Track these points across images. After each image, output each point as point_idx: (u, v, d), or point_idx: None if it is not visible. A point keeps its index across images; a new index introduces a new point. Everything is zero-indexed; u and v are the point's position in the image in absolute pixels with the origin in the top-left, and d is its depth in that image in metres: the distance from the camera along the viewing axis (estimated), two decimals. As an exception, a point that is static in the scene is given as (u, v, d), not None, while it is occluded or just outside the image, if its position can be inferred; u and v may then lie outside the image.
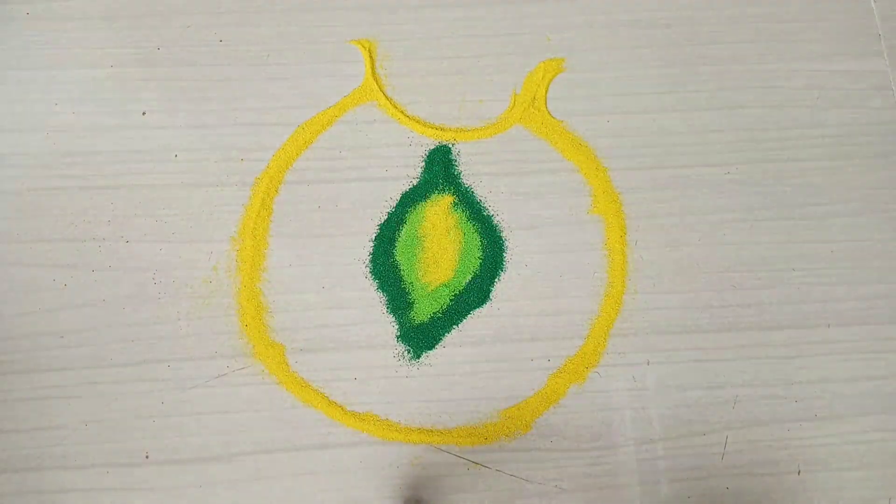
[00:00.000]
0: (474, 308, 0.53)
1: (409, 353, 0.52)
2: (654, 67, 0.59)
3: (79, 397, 0.50)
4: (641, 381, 0.52)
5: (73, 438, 0.50)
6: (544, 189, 0.56)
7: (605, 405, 0.52)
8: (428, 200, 0.55)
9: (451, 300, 0.53)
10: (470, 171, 0.56)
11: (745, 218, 0.55)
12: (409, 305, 0.53)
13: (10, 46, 0.57)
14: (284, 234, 0.54)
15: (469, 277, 0.54)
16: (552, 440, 0.51)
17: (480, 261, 0.54)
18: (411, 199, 0.55)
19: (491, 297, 0.53)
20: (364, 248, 0.54)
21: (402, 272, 0.54)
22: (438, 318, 0.53)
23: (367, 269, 0.54)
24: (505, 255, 0.54)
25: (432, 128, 0.57)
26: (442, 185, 0.56)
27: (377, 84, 0.58)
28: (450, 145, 0.56)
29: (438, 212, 0.55)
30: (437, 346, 0.52)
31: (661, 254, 0.55)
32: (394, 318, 0.53)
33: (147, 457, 0.49)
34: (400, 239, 0.54)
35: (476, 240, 0.55)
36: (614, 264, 0.54)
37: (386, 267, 0.54)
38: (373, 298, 0.53)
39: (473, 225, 0.55)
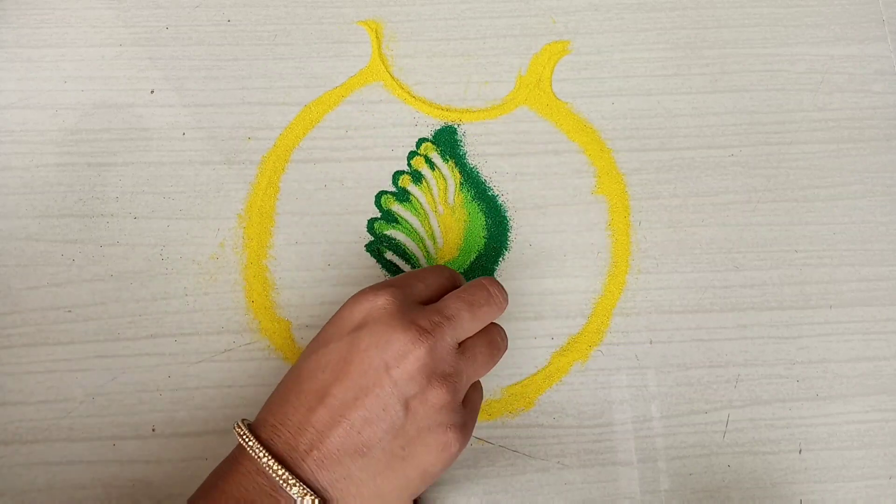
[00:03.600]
0: (479, 286, 0.54)
1: (413, 330, 0.53)
2: (658, 50, 0.59)
3: (86, 370, 0.51)
4: (644, 359, 0.52)
5: (81, 411, 0.50)
6: (549, 169, 0.56)
7: (607, 383, 0.52)
8: (433, 180, 0.56)
9: (455, 278, 0.54)
10: (475, 151, 0.56)
11: (747, 200, 0.56)
12: (414, 283, 0.53)
13: (19, 25, 0.58)
14: (291, 211, 0.55)
15: (474, 256, 0.54)
16: (555, 417, 0.51)
17: (485, 240, 0.55)
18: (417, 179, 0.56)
19: (495, 275, 0.54)
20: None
21: (406, 251, 0.54)
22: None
23: (373, 248, 0.54)
24: (509, 234, 0.55)
25: (438, 108, 0.57)
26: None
27: (384, 65, 0.58)
28: (455, 126, 0.57)
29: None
30: (441, 324, 0.53)
31: (664, 234, 0.55)
32: (399, 296, 0.53)
33: (154, 430, 0.50)
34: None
35: (481, 219, 0.55)
36: (618, 244, 0.55)
37: (391, 246, 0.54)
38: (378, 276, 0.54)
39: (478, 205, 0.55)
